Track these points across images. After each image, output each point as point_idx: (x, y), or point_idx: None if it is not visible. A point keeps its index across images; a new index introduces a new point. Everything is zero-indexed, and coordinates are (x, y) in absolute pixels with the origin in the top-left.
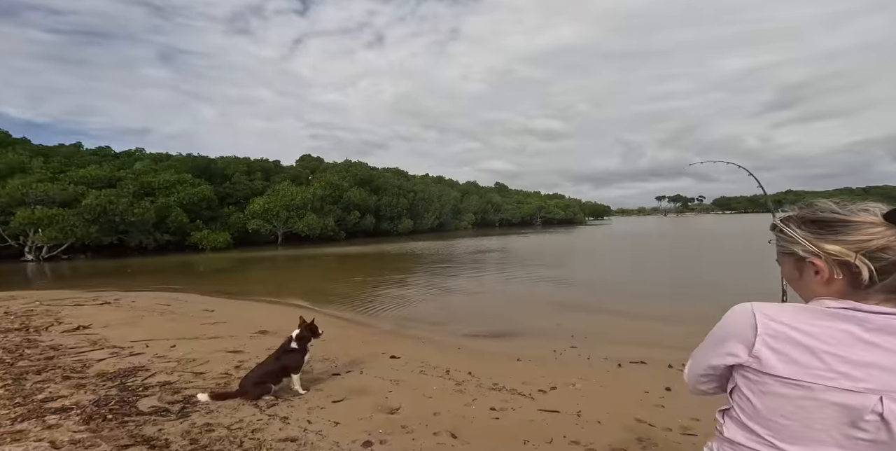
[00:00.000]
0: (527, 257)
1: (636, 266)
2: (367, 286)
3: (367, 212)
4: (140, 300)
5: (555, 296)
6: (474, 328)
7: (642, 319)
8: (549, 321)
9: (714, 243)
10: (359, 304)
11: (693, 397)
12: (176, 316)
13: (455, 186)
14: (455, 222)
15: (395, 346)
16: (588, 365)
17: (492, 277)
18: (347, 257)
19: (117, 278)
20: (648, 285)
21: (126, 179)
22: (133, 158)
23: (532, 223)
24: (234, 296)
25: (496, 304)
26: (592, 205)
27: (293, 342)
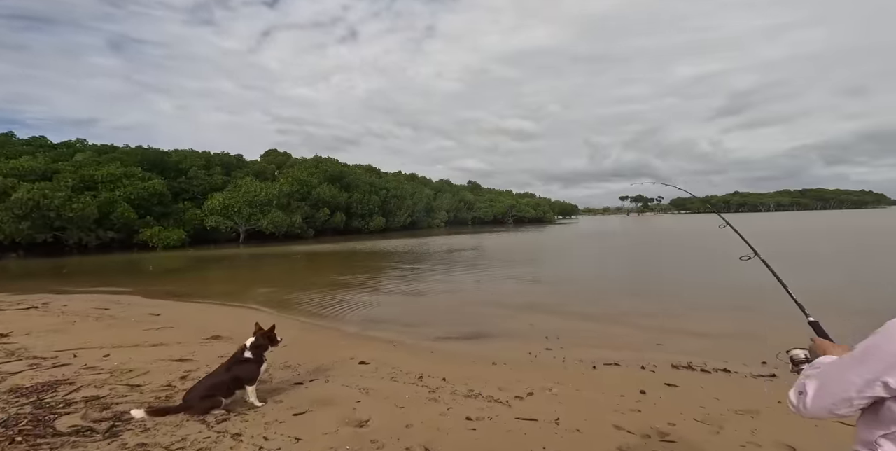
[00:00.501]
0: (500, 255)
1: (603, 264)
2: (335, 286)
3: (337, 209)
4: (73, 304)
5: (527, 295)
6: (447, 330)
7: (611, 318)
8: (523, 322)
9: (672, 240)
10: (326, 305)
11: (667, 400)
12: (115, 321)
13: (428, 184)
14: (428, 221)
15: (364, 350)
16: (563, 368)
17: (465, 276)
18: (315, 256)
19: (50, 278)
20: (616, 283)
21: (64, 172)
22: (73, 150)
23: (504, 222)
24: (186, 298)
25: (469, 304)
26: (561, 204)
27: (247, 352)
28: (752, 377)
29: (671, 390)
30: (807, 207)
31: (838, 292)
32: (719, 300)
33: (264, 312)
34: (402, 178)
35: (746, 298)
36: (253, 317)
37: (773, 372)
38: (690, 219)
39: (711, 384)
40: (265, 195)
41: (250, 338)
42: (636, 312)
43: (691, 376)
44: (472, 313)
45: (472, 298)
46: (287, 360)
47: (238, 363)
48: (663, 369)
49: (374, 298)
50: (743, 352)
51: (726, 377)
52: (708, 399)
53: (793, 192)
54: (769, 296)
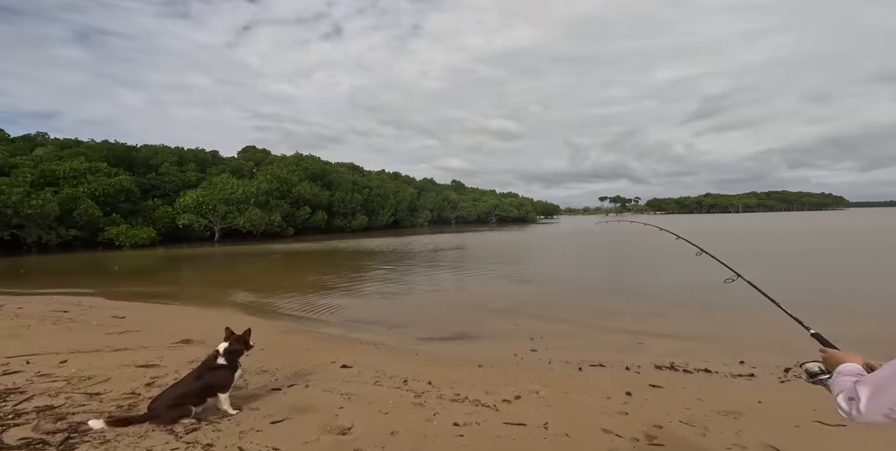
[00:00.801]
0: (485, 254)
1: (585, 263)
2: (316, 287)
3: (318, 207)
4: (30, 306)
5: (512, 295)
6: (432, 331)
7: (594, 318)
8: (508, 323)
9: (648, 239)
10: (305, 307)
11: (653, 402)
12: (74, 325)
13: (412, 182)
14: (411, 219)
15: (346, 353)
16: (549, 370)
17: (449, 275)
18: (295, 255)
19: (5, 279)
20: (598, 282)
21: (23, 167)
22: (33, 144)
23: (487, 221)
24: (154, 300)
25: (454, 304)
26: (543, 204)
27: (220, 358)
28: (732, 376)
29: (656, 391)
30: (772, 208)
31: (838, 294)
32: (695, 299)
33: (239, 314)
34: (386, 176)
35: (721, 297)
36: (227, 320)
37: (752, 372)
38: (666, 219)
39: (694, 384)
40: (242, 193)
41: (223, 343)
42: (618, 312)
43: (674, 376)
44: (457, 314)
45: (456, 298)
46: (264, 364)
47: (210, 371)
48: (647, 370)
49: (357, 299)
50: (721, 351)
51: (708, 378)
52: (692, 400)
53: (759, 194)
54: (741, 295)
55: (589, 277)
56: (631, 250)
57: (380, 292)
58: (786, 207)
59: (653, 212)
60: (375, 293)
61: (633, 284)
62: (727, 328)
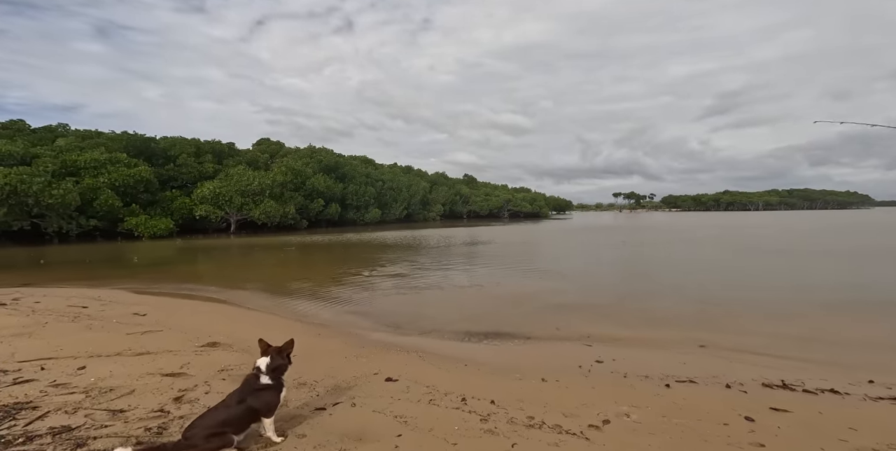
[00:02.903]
0: (510, 249)
1: (614, 258)
2: (338, 282)
3: (331, 200)
4: (48, 300)
5: (551, 293)
6: (473, 334)
7: (648, 320)
8: (553, 323)
9: (678, 235)
10: (330, 303)
11: (789, 431)
12: (93, 323)
13: (424, 176)
14: (423, 213)
15: (387, 362)
16: (629, 386)
17: (478, 270)
18: (311, 248)
19: (26, 270)
20: (631, 279)
21: (44, 157)
22: (54, 134)
23: (499, 216)
24: (175, 294)
25: (490, 302)
26: (556, 199)
27: (264, 376)
28: (872, 399)
29: (784, 416)
30: (794, 206)
31: None
32: (744, 296)
33: (265, 314)
34: (398, 170)
35: (766, 293)
36: (252, 318)
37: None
38: (684, 217)
39: (830, 408)
40: (258, 184)
41: (263, 358)
42: (673, 314)
43: (796, 398)
44: (496, 314)
45: (491, 295)
46: (301, 375)
47: (253, 392)
48: (754, 388)
49: (385, 296)
50: (835, 367)
51: (841, 401)
52: (842, 430)
53: (781, 191)
54: (788, 290)
55: (623, 273)
56: (660, 245)
57: (407, 288)
58: (809, 205)
59: (668, 209)
60: (403, 290)
61: (670, 279)
62: (817, 337)
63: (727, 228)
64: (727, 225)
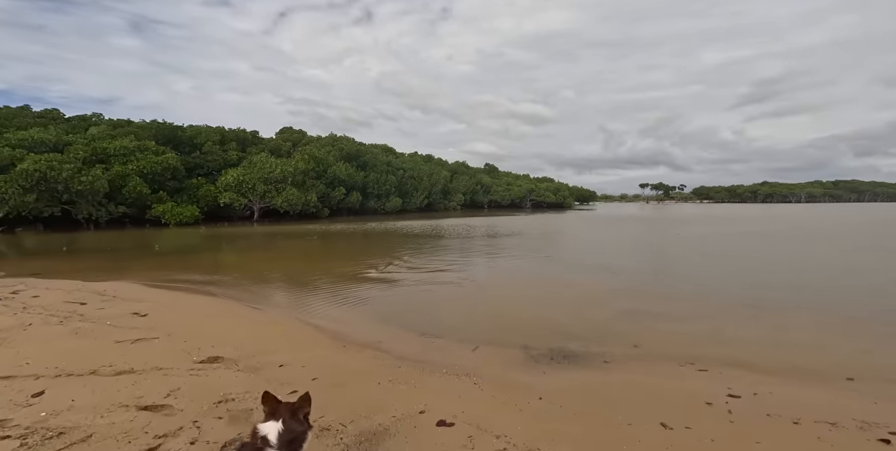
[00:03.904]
0: (541, 241)
1: (665, 254)
2: (363, 277)
3: (353, 188)
4: (47, 295)
5: (615, 293)
6: (535, 349)
7: (762, 336)
8: (633, 334)
9: (725, 228)
10: (355, 302)
11: None
12: (83, 326)
13: (444, 165)
14: (444, 203)
15: (433, 391)
16: (816, 438)
17: (522, 264)
18: (333, 237)
19: (46, 257)
20: (722, 283)
21: (76, 145)
22: (87, 123)
23: (521, 206)
24: (187, 288)
25: (537, 307)
26: (579, 189)
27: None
28: None
29: None
30: (839, 198)
31: None
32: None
33: (281, 317)
34: (419, 158)
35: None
36: (266, 323)
37: None
38: (721, 208)
39: None
40: (280, 172)
41: (272, 424)
42: (795, 324)
43: None
44: (551, 321)
45: (538, 296)
46: (324, 412)
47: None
48: None
49: (413, 294)
50: None
51: None
52: None
53: (825, 183)
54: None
55: (702, 273)
56: (723, 237)
57: (439, 285)
58: (856, 197)
59: (699, 200)
60: (435, 287)
61: (783, 283)
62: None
63: (785, 219)
64: (782, 217)
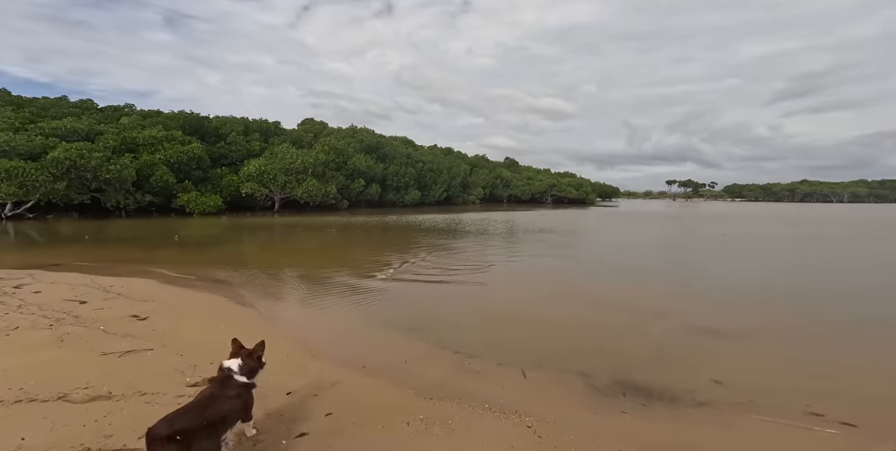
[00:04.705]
0: (575, 238)
1: (726, 257)
2: (383, 275)
3: (372, 180)
4: (50, 290)
5: (669, 309)
6: (589, 375)
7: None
8: (699, 368)
9: (776, 229)
10: (375, 307)
11: None
12: (73, 331)
13: (464, 158)
14: (463, 196)
15: (476, 440)
16: None
17: (547, 266)
18: (353, 230)
19: (65, 245)
20: (806, 296)
21: (107, 134)
22: (119, 113)
23: (542, 201)
24: (199, 285)
25: (589, 321)
26: (602, 185)
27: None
28: None
29: None
30: (885, 199)
31: None
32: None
33: (287, 321)
34: (438, 151)
35: None
36: (274, 333)
37: None
38: (756, 207)
39: None
40: (301, 163)
41: (233, 360)
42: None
43: None
44: (608, 341)
45: (587, 305)
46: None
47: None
48: None
49: (443, 298)
50: None
51: None
52: None
53: (870, 182)
54: None
55: (743, 274)
56: (776, 239)
57: (471, 286)
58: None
59: (730, 199)
60: (464, 290)
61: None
62: None
63: (839, 221)
64: (832, 218)
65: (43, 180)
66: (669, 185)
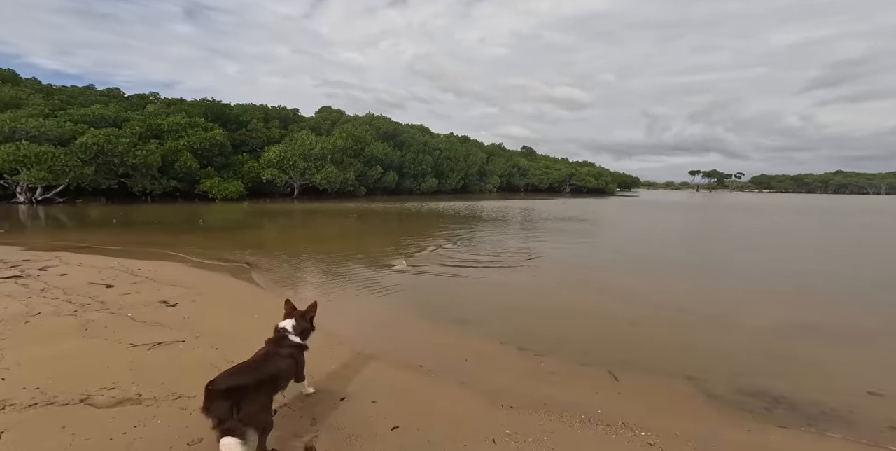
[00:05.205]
0: (613, 227)
1: (768, 247)
2: (414, 262)
3: (389, 168)
4: (76, 273)
5: (764, 305)
6: (701, 378)
7: None
8: (837, 374)
9: (832, 219)
10: (417, 299)
11: None
12: (99, 318)
13: (481, 147)
14: (480, 185)
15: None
16: None
17: (593, 255)
18: (372, 216)
19: (96, 229)
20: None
21: (133, 121)
22: (145, 101)
23: (560, 190)
24: (229, 269)
25: (672, 318)
26: (621, 175)
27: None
28: None
29: None
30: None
31: None
32: None
33: (328, 311)
34: (455, 139)
35: None
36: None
37: None
38: (787, 199)
39: None
40: (320, 149)
41: (286, 320)
42: None
43: None
44: (710, 340)
45: (662, 298)
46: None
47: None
48: None
49: (486, 287)
50: None
51: None
52: None
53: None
54: None
55: (830, 266)
56: (841, 230)
57: (514, 272)
58: None
59: (758, 190)
60: (510, 277)
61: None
62: None
63: (886, 212)
64: (878, 210)
65: (72, 165)
66: (693, 175)
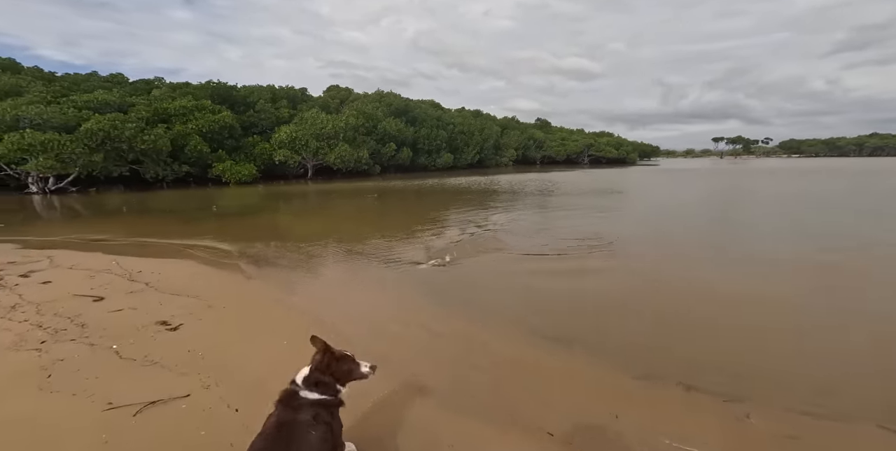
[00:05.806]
0: (659, 199)
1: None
2: (455, 251)
3: (403, 144)
4: (68, 276)
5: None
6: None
7: None
8: None
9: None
10: (467, 298)
11: None
12: (69, 357)
13: (494, 120)
14: (496, 159)
15: None
16: None
17: (667, 233)
18: (391, 194)
19: (105, 219)
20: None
21: (139, 106)
22: (150, 86)
23: (578, 162)
24: (245, 268)
25: (792, 320)
26: (640, 144)
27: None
28: None
29: None
30: None
31: None
32: None
33: (370, 337)
34: (468, 113)
35: None
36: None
37: None
38: (822, 162)
39: None
40: (332, 128)
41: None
42: None
43: None
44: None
45: (774, 291)
46: None
47: None
48: None
49: (563, 279)
50: None
51: None
52: None
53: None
54: None
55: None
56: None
57: (600, 264)
58: None
59: (786, 155)
60: (601, 272)
61: None
62: None
63: None
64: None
65: (79, 153)
66: (716, 142)
